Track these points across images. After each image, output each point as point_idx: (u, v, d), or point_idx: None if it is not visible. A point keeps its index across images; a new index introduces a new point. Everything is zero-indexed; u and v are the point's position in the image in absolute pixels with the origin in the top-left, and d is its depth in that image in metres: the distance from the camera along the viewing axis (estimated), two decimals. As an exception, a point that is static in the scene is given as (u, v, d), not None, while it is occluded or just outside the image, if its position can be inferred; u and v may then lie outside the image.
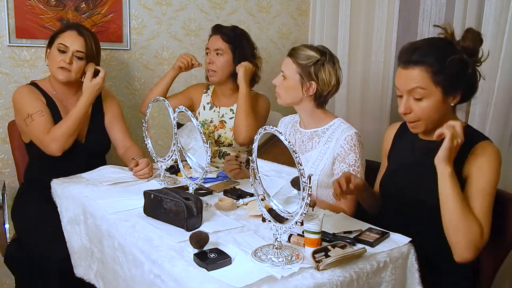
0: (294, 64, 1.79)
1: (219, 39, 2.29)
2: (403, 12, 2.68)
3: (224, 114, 2.38)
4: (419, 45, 1.48)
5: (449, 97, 1.45)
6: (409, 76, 1.44)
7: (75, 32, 2.02)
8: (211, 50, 2.30)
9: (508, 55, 2.04)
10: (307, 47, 1.82)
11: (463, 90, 1.46)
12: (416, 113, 1.47)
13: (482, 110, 2.16)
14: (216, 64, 2.28)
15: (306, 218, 1.23)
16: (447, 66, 1.41)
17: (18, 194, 2.12)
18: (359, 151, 1.75)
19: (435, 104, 1.45)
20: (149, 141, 1.93)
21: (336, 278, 1.14)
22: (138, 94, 2.68)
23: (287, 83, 1.81)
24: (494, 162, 1.44)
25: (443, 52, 1.43)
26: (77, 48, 2.00)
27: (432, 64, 1.42)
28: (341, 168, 1.75)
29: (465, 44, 1.44)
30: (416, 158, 1.58)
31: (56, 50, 1.99)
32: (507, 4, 2.04)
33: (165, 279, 1.17)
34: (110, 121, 2.18)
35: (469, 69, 1.44)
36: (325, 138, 1.81)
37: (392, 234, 1.39)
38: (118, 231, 1.42)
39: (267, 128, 1.19)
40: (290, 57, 1.82)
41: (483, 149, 1.45)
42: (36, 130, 1.96)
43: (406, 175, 1.58)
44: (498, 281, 1.85)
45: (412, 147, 1.61)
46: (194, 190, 1.62)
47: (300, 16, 3.20)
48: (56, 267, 1.74)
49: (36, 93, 2.04)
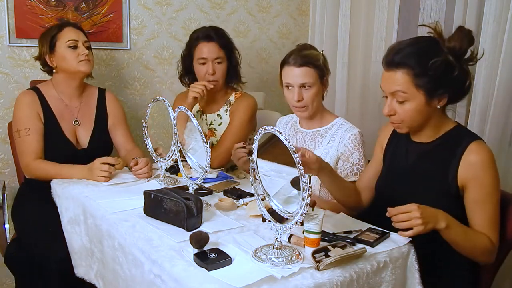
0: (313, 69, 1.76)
1: (216, 46, 2.16)
2: (403, 12, 2.68)
3: (213, 121, 2.29)
4: (403, 46, 1.43)
5: (434, 100, 1.42)
6: (391, 78, 1.42)
7: (71, 27, 2.04)
8: (209, 59, 2.15)
9: (508, 55, 2.04)
10: (304, 48, 1.82)
11: (449, 92, 1.43)
12: (400, 115, 1.45)
13: (482, 110, 2.16)
14: (218, 74, 2.17)
15: (306, 218, 1.23)
16: (430, 68, 1.38)
17: (18, 194, 2.12)
18: (363, 150, 1.77)
19: (418, 108, 1.42)
20: (149, 141, 1.93)
21: (336, 278, 1.14)
22: (138, 94, 2.68)
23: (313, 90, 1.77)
24: (489, 168, 1.42)
25: (426, 54, 1.39)
26: (83, 39, 2.03)
27: (413, 67, 1.38)
28: (345, 167, 1.76)
29: (450, 44, 1.40)
30: (409, 161, 1.57)
31: (66, 48, 1.99)
32: (507, 4, 2.04)
33: (165, 279, 1.17)
34: (113, 124, 2.17)
35: (454, 70, 1.40)
36: (328, 137, 1.81)
37: (392, 234, 1.38)
38: (118, 231, 1.42)
39: (267, 128, 1.19)
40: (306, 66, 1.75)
41: (475, 153, 1.43)
42: (18, 149, 2.00)
43: (399, 178, 1.58)
44: (498, 281, 1.85)
45: (406, 149, 1.60)
46: (194, 190, 1.62)
47: (300, 16, 3.20)
48: (56, 267, 1.74)
49: (34, 104, 2.01)
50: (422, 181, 1.51)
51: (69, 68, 2.02)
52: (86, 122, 2.11)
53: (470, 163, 1.42)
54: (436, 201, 1.45)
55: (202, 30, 2.21)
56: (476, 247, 1.41)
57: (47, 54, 2.02)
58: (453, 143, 1.48)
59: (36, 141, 1.97)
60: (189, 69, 2.26)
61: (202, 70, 2.17)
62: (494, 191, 1.44)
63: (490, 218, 1.43)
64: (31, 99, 2.02)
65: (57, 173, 1.90)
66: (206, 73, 2.16)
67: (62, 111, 2.07)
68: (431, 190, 1.49)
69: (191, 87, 2.13)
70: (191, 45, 2.21)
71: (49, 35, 2.02)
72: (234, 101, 2.26)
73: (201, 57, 2.16)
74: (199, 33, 2.19)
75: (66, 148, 2.03)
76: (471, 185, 1.43)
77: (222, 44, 2.18)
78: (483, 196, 1.43)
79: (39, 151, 1.97)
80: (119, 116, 2.20)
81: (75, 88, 2.09)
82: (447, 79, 1.40)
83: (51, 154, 1.98)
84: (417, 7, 2.60)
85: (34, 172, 1.96)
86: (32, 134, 1.96)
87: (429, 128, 1.52)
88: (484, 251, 1.43)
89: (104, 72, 2.56)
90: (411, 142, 1.59)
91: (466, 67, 1.45)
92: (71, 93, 2.09)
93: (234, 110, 2.24)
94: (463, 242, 1.40)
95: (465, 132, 1.52)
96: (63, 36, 2.00)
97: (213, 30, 2.20)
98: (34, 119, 1.99)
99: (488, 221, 1.43)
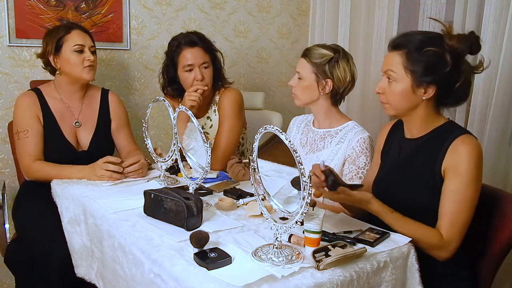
0: (308, 64, 1.81)
1: (201, 51, 2.10)
2: (403, 12, 2.68)
3: (204, 125, 2.23)
4: (412, 32, 1.51)
5: (419, 88, 1.45)
6: (388, 59, 1.50)
7: (79, 30, 2.02)
8: (195, 65, 2.08)
9: (508, 55, 2.04)
10: (320, 46, 1.84)
11: (436, 85, 1.44)
12: (387, 96, 1.51)
13: (482, 110, 2.17)
14: (207, 79, 2.11)
15: (307, 217, 1.23)
16: (423, 55, 1.42)
17: (18, 194, 2.12)
18: (370, 154, 1.77)
19: (404, 91, 1.46)
20: (149, 141, 1.92)
21: (336, 277, 1.14)
22: (138, 94, 2.68)
23: (303, 83, 1.83)
24: (472, 161, 1.39)
25: (427, 43, 1.43)
26: (90, 43, 2.03)
27: (409, 50, 1.44)
28: (350, 169, 1.76)
29: (450, 42, 1.42)
30: (402, 158, 1.58)
31: (72, 52, 1.97)
32: (507, 4, 2.04)
33: (165, 278, 1.17)
34: (116, 127, 2.16)
35: (446, 67, 1.41)
36: (337, 138, 1.82)
37: (392, 234, 1.38)
38: (118, 231, 1.42)
39: (267, 127, 1.19)
40: (304, 57, 1.84)
41: (463, 143, 1.42)
42: (18, 151, 1.99)
43: (394, 176, 1.58)
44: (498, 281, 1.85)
45: (399, 147, 1.61)
46: (194, 190, 1.62)
47: (300, 16, 3.20)
48: (57, 267, 1.73)
49: (33, 106, 2.01)
50: (413, 175, 1.52)
51: (72, 73, 2.01)
52: (87, 123, 2.10)
53: (455, 152, 1.42)
54: (423, 192, 1.46)
55: (183, 36, 2.13)
56: (418, 240, 1.38)
57: (52, 54, 2.01)
58: (443, 135, 1.48)
59: (35, 143, 1.97)
60: (174, 79, 2.18)
61: (190, 77, 2.10)
62: (471, 185, 1.39)
63: (454, 212, 1.39)
64: (30, 101, 2.02)
65: (58, 174, 1.89)
66: (194, 79, 2.09)
67: (63, 112, 2.06)
68: (419, 183, 1.49)
69: (187, 96, 2.06)
70: (173, 54, 2.12)
71: (56, 36, 1.99)
72: (219, 98, 2.23)
73: (187, 64, 2.08)
74: (181, 40, 2.11)
75: (65, 150, 2.02)
76: (450, 172, 1.42)
77: (206, 48, 2.13)
78: (457, 186, 1.40)
79: (38, 153, 1.97)
80: (123, 119, 2.19)
81: (77, 90, 2.09)
82: (436, 72, 1.42)
83: (50, 156, 1.98)
84: (417, 7, 2.61)
85: (34, 174, 1.96)
86: (31, 136, 1.96)
87: (419, 121, 1.52)
88: (429, 247, 1.40)
89: (104, 72, 2.56)
90: (403, 140, 1.60)
91: (466, 72, 1.44)
92: (73, 94, 2.09)
93: (220, 107, 2.20)
94: (399, 229, 1.40)
95: (456, 127, 1.52)
96: (70, 39, 1.98)
97: (195, 35, 2.13)
98: (33, 121, 1.99)
99: (449, 215, 1.40)
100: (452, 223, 1.40)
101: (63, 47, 1.99)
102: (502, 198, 1.55)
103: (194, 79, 2.09)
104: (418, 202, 1.47)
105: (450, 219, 1.40)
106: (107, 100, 2.16)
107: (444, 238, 1.39)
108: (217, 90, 2.24)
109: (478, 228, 1.47)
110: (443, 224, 1.41)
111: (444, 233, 1.40)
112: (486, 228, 1.54)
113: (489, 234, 1.54)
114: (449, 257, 1.42)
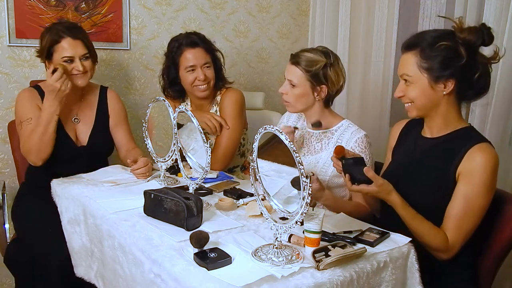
0: (301, 72, 1.77)
1: (202, 51, 2.10)
2: (403, 12, 2.68)
3: None
4: (423, 32, 1.52)
5: (438, 83, 1.45)
6: (402, 61, 1.50)
7: (69, 38, 1.95)
8: (197, 66, 2.09)
9: (508, 55, 2.04)
10: (307, 51, 1.80)
11: (455, 79, 1.44)
12: (408, 96, 1.50)
13: (482, 110, 2.16)
14: (209, 79, 2.12)
15: (306, 217, 1.23)
16: (436, 50, 1.42)
17: (18, 194, 2.12)
18: (369, 152, 1.77)
19: (423, 90, 1.46)
20: (149, 141, 1.93)
21: (336, 277, 1.14)
22: (138, 94, 2.68)
23: (297, 91, 1.79)
24: (488, 170, 1.41)
25: (439, 38, 1.44)
26: (80, 53, 1.97)
27: (423, 48, 1.44)
28: None
29: (462, 35, 1.43)
30: (415, 157, 1.58)
31: (62, 62, 1.94)
32: (507, 4, 2.04)
33: (165, 278, 1.17)
34: (115, 124, 2.16)
35: (462, 59, 1.41)
36: (334, 139, 1.81)
37: (392, 234, 1.38)
38: (118, 231, 1.42)
39: (267, 127, 1.19)
40: (295, 65, 1.78)
41: (480, 151, 1.43)
42: (21, 138, 1.97)
43: (403, 174, 1.58)
44: (498, 281, 1.85)
45: (414, 145, 1.61)
46: (194, 190, 1.62)
47: (300, 16, 3.20)
48: (56, 267, 1.73)
49: (34, 99, 2.01)
50: (423, 172, 1.52)
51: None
52: (86, 119, 2.10)
53: (472, 159, 1.42)
54: (434, 194, 1.46)
55: (183, 37, 2.13)
56: (424, 238, 1.42)
57: (45, 60, 2.00)
58: (462, 139, 1.48)
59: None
60: (175, 80, 2.18)
61: (191, 78, 2.11)
62: (483, 193, 1.41)
63: (461, 217, 1.41)
64: (31, 94, 2.02)
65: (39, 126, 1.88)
66: (195, 79, 2.10)
67: (62, 108, 2.05)
68: (428, 181, 1.50)
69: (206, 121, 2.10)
70: (174, 55, 2.12)
71: (47, 43, 1.96)
72: (221, 99, 2.22)
73: (189, 65, 2.09)
74: (181, 41, 2.11)
75: (66, 144, 2.02)
76: (464, 178, 1.43)
77: (207, 49, 2.13)
78: (469, 192, 1.41)
79: None
80: (121, 116, 2.19)
81: (75, 89, 2.09)
82: (452, 65, 1.42)
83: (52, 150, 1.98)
84: (417, 7, 2.61)
85: (34, 150, 1.91)
86: (34, 123, 1.95)
87: (440, 119, 1.51)
88: (433, 246, 1.43)
89: (104, 72, 2.56)
90: (420, 138, 1.60)
91: (483, 64, 1.45)
92: (71, 92, 2.08)
93: (222, 107, 2.20)
94: (409, 223, 1.43)
95: (476, 133, 1.52)
96: (59, 50, 1.95)
97: (195, 36, 2.13)
98: (35, 111, 1.98)
99: (457, 219, 1.41)
100: (458, 227, 1.41)
101: (54, 55, 1.97)
102: (502, 198, 1.55)
103: (195, 79, 2.11)
104: (422, 199, 1.47)
105: (457, 223, 1.41)
106: (106, 97, 2.16)
107: (449, 241, 1.41)
108: (219, 90, 2.24)
109: (479, 228, 1.47)
110: (450, 226, 1.42)
111: (449, 236, 1.41)
112: (487, 228, 1.54)
113: (489, 234, 1.54)
114: (449, 258, 1.43)
